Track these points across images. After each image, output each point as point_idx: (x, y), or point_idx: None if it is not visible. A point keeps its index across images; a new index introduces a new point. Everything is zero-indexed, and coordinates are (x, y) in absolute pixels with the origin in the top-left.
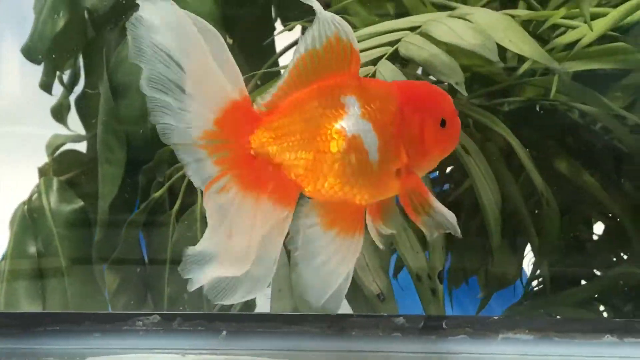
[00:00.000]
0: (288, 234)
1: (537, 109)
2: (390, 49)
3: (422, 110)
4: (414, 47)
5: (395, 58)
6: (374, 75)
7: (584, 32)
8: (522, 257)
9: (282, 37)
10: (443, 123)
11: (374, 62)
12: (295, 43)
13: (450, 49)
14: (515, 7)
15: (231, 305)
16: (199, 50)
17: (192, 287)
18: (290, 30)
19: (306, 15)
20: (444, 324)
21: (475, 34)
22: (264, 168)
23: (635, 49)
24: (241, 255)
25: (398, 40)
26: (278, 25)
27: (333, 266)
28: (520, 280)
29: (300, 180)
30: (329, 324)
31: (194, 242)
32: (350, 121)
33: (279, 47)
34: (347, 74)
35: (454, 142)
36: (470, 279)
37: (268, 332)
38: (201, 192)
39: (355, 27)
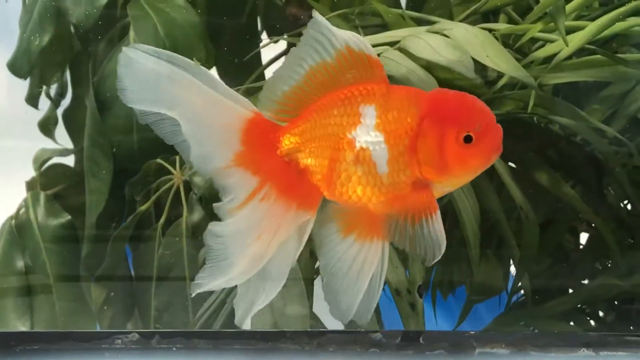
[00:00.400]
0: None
1: (518, 121)
2: None
3: (442, 124)
4: (392, 62)
5: None
6: None
7: (562, 45)
8: (509, 267)
9: (268, 49)
10: (469, 139)
11: None
12: (282, 54)
13: (430, 64)
14: (497, 20)
15: (212, 322)
16: (192, 85)
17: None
18: (276, 42)
19: (293, 27)
20: (421, 339)
21: (453, 49)
22: (293, 173)
23: (612, 61)
24: (257, 258)
25: (377, 55)
26: (264, 37)
27: (355, 272)
28: (506, 291)
29: (320, 186)
30: (307, 341)
31: (180, 255)
32: (362, 132)
33: (265, 58)
34: (372, 82)
35: (484, 160)
36: (458, 289)
37: (246, 349)
38: (187, 205)
39: None
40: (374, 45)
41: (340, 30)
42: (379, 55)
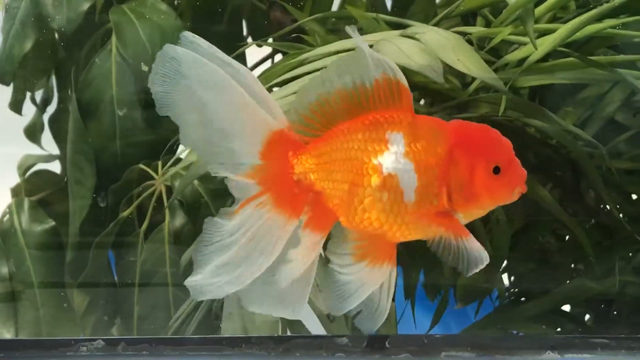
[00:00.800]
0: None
1: (494, 125)
2: None
3: (473, 155)
4: None
5: None
6: None
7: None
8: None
9: (255, 53)
10: (497, 170)
11: None
12: (267, 57)
13: (403, 68)
14: (475, 23)
15: (185, 328)
16: (229, 88)
17: (198, 298)
18: (260, 46)
19: (278, 31)
20: (387, 343)
21: (423, 54)
22: (305, 193)
23: (584, 64)
24: (257, 269)
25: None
26: (250, 42)
27: (354, 288)
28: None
29: (336, 209)
30: (273, 346)
31: (163, 261)
32: (389, 158)
33: (250, 62)
34: (399, 110)
35: (510, 191)
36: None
37: (212, 355)
38: (169, 211)
39: (312, 46)
40: (346, 50)
41: (378, 55)
42: None
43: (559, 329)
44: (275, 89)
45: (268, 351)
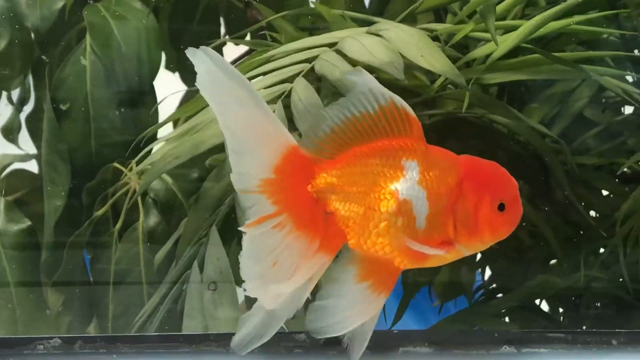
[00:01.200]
0: None
1: (462, 121)
2: (307, 66)
3: (481, 190)
4: (328, 64)
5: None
6: (289, 93)
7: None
8: (474, 266)
9: (231, 51)
10: (502, 207)
11: (292, 79)
12: (245, 55)
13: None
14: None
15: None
16: (248, 99)
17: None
18: (237, 45)
19: (255, 30)
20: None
21: (386, 51)
22: (320, 212)
23: (549, 60)
24: (279, 293)
25: (316, 57)
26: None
27: (349, 313)
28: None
29: (347, 232)
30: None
31: (137, 260)
32: (405, 185)
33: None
34: (410, 138)
35: (510, 228)
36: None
37: (170, 352)
38: (144, 210)
39: (280, 43)
40: (313, 47)
41: (383, 87)
42: (316, 57)
43: (531, 326)
44: None
45: (226, 348)
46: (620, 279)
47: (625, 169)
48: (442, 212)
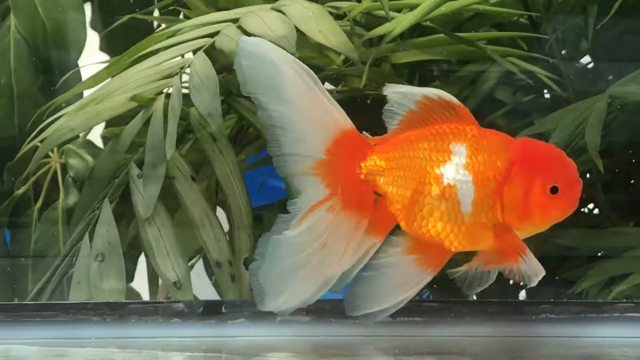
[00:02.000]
0: None
1: (366, 97)
2: (210, 41)
3: (533, 173)
4: (227, 39)
5: None
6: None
7: (398, 23)
8: None
9: None
10: (555, 190)
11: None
12: None
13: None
14: None
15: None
16: (304, 83)
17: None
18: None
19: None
20: (223, 308)
21: (284, 25)
22: (369, 194)
23: (453, 40)
24: (331, 273)
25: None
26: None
27: (394, 285)
28: None
29: (396, 214)
30: (109, 312)
31: (56, 239)
32: (450, 169)
33: None
34: (460, 122)
35: (566, 212)
36: None
37: (46, 321)
38: (64, 189)
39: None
40: (218, 22)
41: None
42: (218, 32)
43: None
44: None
45: (104, 317)
46: None
47: None
48: (490, 195)
